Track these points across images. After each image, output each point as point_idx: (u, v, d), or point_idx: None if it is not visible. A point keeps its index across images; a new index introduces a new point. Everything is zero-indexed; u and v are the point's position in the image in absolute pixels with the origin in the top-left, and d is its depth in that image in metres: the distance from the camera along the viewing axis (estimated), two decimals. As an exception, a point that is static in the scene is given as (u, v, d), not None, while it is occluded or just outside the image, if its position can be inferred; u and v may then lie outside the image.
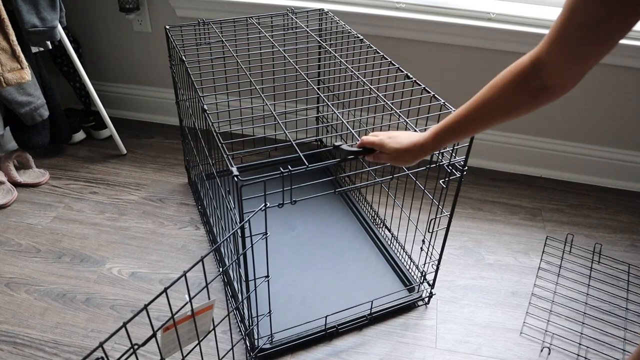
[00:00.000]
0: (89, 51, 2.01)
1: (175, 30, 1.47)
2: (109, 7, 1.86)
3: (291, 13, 1.58)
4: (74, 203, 1.67)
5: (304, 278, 1.39)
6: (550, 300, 1.38)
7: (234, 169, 0.91)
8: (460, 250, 1.54)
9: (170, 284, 0.81)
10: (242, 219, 0.96)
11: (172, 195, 1.71)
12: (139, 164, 1.86)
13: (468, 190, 1.78)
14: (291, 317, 1.27)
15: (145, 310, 0.74)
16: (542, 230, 1.63)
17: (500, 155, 1.88)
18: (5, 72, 1.45)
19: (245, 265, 1.01)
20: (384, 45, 1.73)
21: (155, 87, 2.05)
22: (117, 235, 1.54)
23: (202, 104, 1.12)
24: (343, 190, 1.23)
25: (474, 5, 1.63)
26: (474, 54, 1.67)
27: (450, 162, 1.09)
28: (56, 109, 1.78)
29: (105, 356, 0.73)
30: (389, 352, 1.23)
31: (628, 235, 1.62)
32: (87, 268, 1.43)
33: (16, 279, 1.39)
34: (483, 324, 1.31)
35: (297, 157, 1.82)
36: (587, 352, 1.24)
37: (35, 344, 1.22)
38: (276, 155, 1.86)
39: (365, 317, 1.28)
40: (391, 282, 1.39)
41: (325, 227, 1.57)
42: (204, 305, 0.89)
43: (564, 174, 1.87)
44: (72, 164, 1.85)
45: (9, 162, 1.72)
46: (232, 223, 1.14)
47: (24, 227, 1.57)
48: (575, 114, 1.74)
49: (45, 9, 1.51)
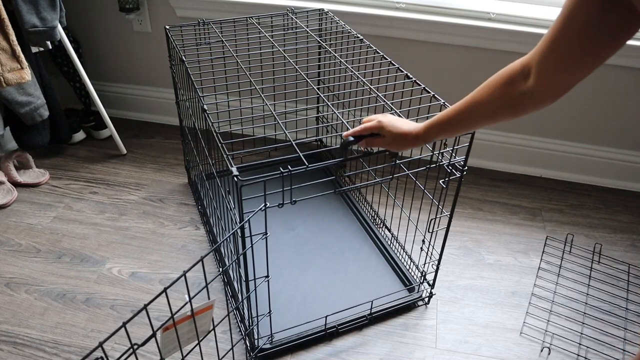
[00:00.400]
0: (89, 51, 2.01)
1: (175, 30, 1.47)
2: (109, 7, 1.86)
3: (291, 13, 1.58)
4: (74, 203, 1.67)
5: (304, 278, 1.39)
6: (550, 300, 1.38)
7: (234, 169, 0.91)
8: (460, 250, 1.54)
9: (170, 284, 0.81)
10: (242, 219, 0.96)
11: (172, 195, 1.71)
12: (139, 164, 1.86)
13: (468, 190, 1.78)
14: (291, 317, 1.27)
15: (145, 310, 0.74)
16: (542, 230, 1.62)
17: (500, 155, 1.88)
18: (5, 72, 1.45)
19: (245, 265, 1.01)
20: (384, 45, 1.73)
21: (155, 87, 2.05)
22: (117, 235, 1.54)
23: (202, 104, 1.12)
24: (343, 190, 1.23)
25: (474, 5, 1.63)
26: (474, 54, 1.67)
27: (450, 162, 1.09)
28: (56, 109, 1.78)
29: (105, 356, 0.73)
30: (389, 352, 1.23)
31: (628, 235, 1.62)
32: (87, 268, 1.43)
33: (16, 279, 1.39)
34: (483, 324, 1.31)
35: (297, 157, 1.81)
36: (587, 352, 1.24)
37: (35, 344, 1.22)
38: (276, 155, 1.86)
39: (365, 317, 1.28)
40: (391, 282, 1.39)
41: (325, 227, 1.57)
42: (204, 305, 0.89)
43: (564, 174, 1.87)
44: (72, 164, 1.85)
45: (9, 162, 1.72)
46: (232, 223, 1.14)
47: (24, 227, 1.57)
48: (575, 114, 1.74)
49: (45, 9, 1.51)
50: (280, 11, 1.63)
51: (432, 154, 1.09)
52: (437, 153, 1.09)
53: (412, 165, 1.19)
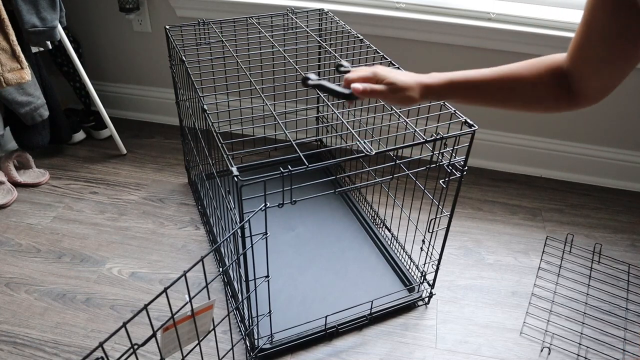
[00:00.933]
0: (89, 51, 2.01)
1: (175, 30, 1.47)
2: (109, 7, 1.86)
3: (291, 13, 1.58)
4: (74, 203, 1.67)
5: (304, 278, 1.39)
6: (550, 300, 1.38)
7: (234, 169, 0.91)
8: (460, 250, 1.54)
9: (170, 284, 0.81)
10: (242, 219, 0.96)
11: (172, 195, 1.71)
12: (139, 164, 1.86)
13: (468, 190, 1.78)
14: (291, 317, 1.27)
15: (145, 310, 0.74)
16: (542, 230, 1.62)
17: (500, 155, 1.88)
18: (5, 72, 1.45)
19: (245, 265, 1.01)
20: (384, 45, 1.73)
21: (155, 87, 2.05)
22: (117, 235, 1.54)
23: (202, 104, 1.12)
24: (343, 190, 1.23)
25: (474, 5, 1.63)
26: (474, 54, 1.67)
27: (450, 162, 1.09)
28: (56, 109, 1.78)
29: (105, 356, 0.73)
30: (389, 352, 1.23)
31: (628, 235, 1.62)
32: (87, 268, 1.43)
33: (16, 279, 1.39)
34: (483, 324, 1.31)
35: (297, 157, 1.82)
36: (587, 352, 1.24)
37: (35, 344, 1.22)
38: (276, 155, 1.86)
39: (365, 317, 1.28)
40: (391, 282, 1.39)
41: (325, 227, 1.57)
42: (204, 305, 0.89)
43: (564, 174, 1.87)
44: (72, 164, 1.85)
45: (9, 162, 1.72)
46: (232, 223, 1.14)
47: (24, 227, 1.57)
48: (575, 114, 1.74)
49: (45, 9, 1.51)
50: (280, 11, 1.63)
51: (432, 154, 1.09)
52: (437, 153, 1.09)
53: (412, 165, 1.19)
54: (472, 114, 1.80)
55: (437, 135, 1.02)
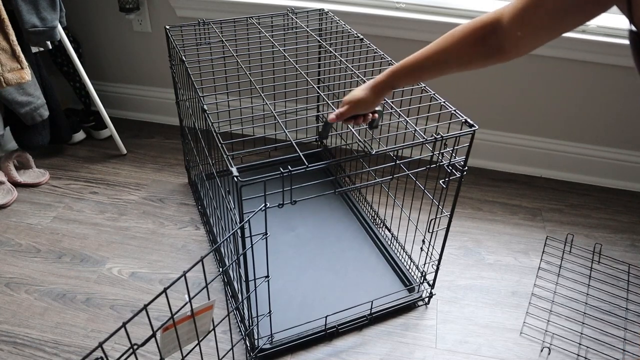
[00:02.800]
0: (89, 51, 2.01)
1: (175, 30, 1.47)
2: (109, 7, 1.86)
3: (291, 13, 1.58)
4: (74, 203, 1.67)
5: (304, 278, 1.39)
6: (550, 300, 1.38)
7: (233, 169, 0.91)
8: (460, 250, 1.54)
9: (170, 284, 0.81)
10: (242, 219, 0.96)
11: (172, 195, 1.71)
12: (139, 164, 1.86)
13: (468, 190, 1.78)
14: (291, 317, 1.27)
15: (145, 310, 0.74)
16: (542, 230, 1.62)
17: (500, 155, 1.88)
18: (5, 72, 1.45)
19: (245, 266, 1.01)
20: (384, 45, 1.73)
21: (155, 87, 2.05)
22: (117, 235, 1.54)
23: (202, 104, 1.12)
24: (343, 190, 1.23)
25: (474, 5, 1.63)
26: (474, 54, 1.67)
27: (450, 162, 1.09)
28: (56, 109, 1.78)
29: (105, 356, 0.73)
30: (389, 352, 1.23)
31: (628, 235, 1.62)
32: (87, 268, 1.43)
33: (16, 279, 1.39)
34: (483, 324, 1.31)
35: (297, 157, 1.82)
36: (587, 352, 1.24)
37: (35, 344, 1.22)
38: (276, 155, 1.86)
39: (365, 317, 1.28)
40: (391, 282, 1.39)
41: (325, 227, 1.57)
42: (204, 305, 0.89)
43: (564, 174, 1.87)
44: (72, 164, 1.85)
45: (9, 162, 1.72)
46: (232, 223, 1.14)
47: (24, 227, 1.57)
48: (575, 114, 1.74)
49: (45, 9, 1.51)
50: (281, 11, 1.63)
51: (432, 154, 1.09)
52: (437, 153, 1.09)
53: (412, 165, 1.19)
54: (472, 114, 1.80)
55: (437, 135, 1.02)
